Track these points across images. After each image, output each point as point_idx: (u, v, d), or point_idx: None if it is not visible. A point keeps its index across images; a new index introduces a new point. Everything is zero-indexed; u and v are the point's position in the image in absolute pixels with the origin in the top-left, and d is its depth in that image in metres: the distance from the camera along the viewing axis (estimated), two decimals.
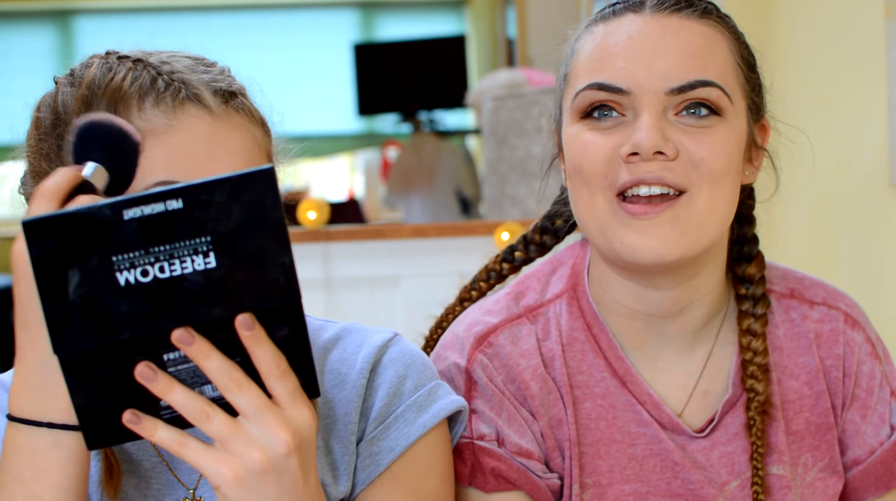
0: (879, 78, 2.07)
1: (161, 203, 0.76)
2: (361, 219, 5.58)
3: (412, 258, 2.87)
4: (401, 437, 1.03)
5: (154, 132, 0.94)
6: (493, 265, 1.28)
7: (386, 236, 2.96)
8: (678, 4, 1.09)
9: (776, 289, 1.20)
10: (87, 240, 0.76)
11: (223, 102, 0.97)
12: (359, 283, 2.92)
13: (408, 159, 5.34)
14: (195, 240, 0.77)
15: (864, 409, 1.18)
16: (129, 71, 0.97)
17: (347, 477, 1.03)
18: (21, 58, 6.75)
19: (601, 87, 1.07)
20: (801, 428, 1.17)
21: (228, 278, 0.78)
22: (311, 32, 6.79)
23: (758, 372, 1.14)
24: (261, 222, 0.78)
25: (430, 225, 2.93)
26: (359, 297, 2.89)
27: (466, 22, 7.05)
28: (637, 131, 1.05)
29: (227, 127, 0.96)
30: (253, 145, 0.98)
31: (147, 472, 1.03)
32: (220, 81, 0.99)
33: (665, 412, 1.14)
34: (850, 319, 1.20)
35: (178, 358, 0.80)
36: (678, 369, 1.16)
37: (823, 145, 2.44)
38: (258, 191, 0.78)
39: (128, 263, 0.77)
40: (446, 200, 5.10)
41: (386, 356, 1.06)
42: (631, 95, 1.06)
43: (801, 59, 2.56)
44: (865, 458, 1.18)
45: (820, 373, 1.17)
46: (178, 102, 0.95)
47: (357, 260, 2.91)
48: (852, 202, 2.30)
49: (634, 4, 1.10)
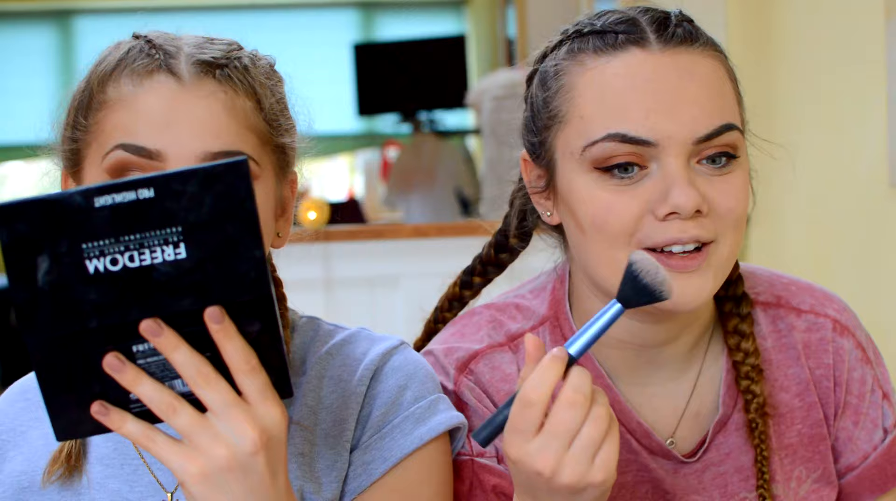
0: (879, 78, 2.07)
1: (132, 192, 0.76)
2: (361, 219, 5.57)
3: (412, 258, 2.87)
4: (395, 448, 1.01)
5: (121, 99, 0.96)
6: (453, 292, 1.22)
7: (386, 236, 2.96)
8: (682, 37, 1.03)
9: (761, 299, 1.17)
10: (58, 226, 0.75)
11: (200, 70, 0.97)
12: (358, 283, 2.92)
13: (408, 159, 5.33)
14: (166, 230, 0.76)
15: (856, 416, 1.16)
16: (128, 47, 0.99)
17: (336, 484, 1.01)
18: (21, 58, 6.76)
19: (624, 139, 0.99)
20: (794, 441, 1.15)
21: (198, 269, 0.78)
22: (310, 32, 6.79)
23: (752, 373, 1.12)
24: (233, 214, 0.77)
25: (430, 225, 2.93)
26: (358, 297, 2.89)
27: (466, 22, 7.05)
28: (674, 191, 0.99)
29: (195, 95, 0.96)
30: (226, 116, 0.96)
31: (129, 475, 1.03)
32: (207, 52, 0.98)
33: (655, 441, 1.11)
34: (839, 325, 1.16)
35: (147, 350, 0.79)
36: (668, 392, 1.13)
37: (824, 146, 2.44)
38: (231, 183, 0.77)
39: (97, 251, 0.76)
40: (446, 200, 5.09)
41: (388, 365, 1.04)
42: (657, 147, 0.99)
43: (801, 60, 2.56)
44: (859, 463, 1.17)
45: (811, 384, 1.15)
46: (148, 70, 0.96)
47: (357, 260, 2.91)
48: (852, 202, 2.30)
49: (636, 37, 1.02)
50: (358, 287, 2.93)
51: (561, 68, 1.05)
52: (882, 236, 2.16)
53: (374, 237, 2.98)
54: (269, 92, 1.01)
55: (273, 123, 1.01)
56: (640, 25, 1.03)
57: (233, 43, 1.03)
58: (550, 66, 1.07)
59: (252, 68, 1.01)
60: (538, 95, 1.07)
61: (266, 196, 0.99)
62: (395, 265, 2.94)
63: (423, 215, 5.08)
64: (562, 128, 1.04)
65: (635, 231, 1.01)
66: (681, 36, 1.03)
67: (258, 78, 1.01)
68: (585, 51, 1.04)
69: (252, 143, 0.98)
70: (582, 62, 1.04)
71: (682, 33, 1.03)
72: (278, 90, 1.04)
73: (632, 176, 1.01)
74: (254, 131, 0.99)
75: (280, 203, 1.04)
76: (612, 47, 1.02)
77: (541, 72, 1.08)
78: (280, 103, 1.03)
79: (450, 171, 5.15)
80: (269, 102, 1.01)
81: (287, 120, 1.04)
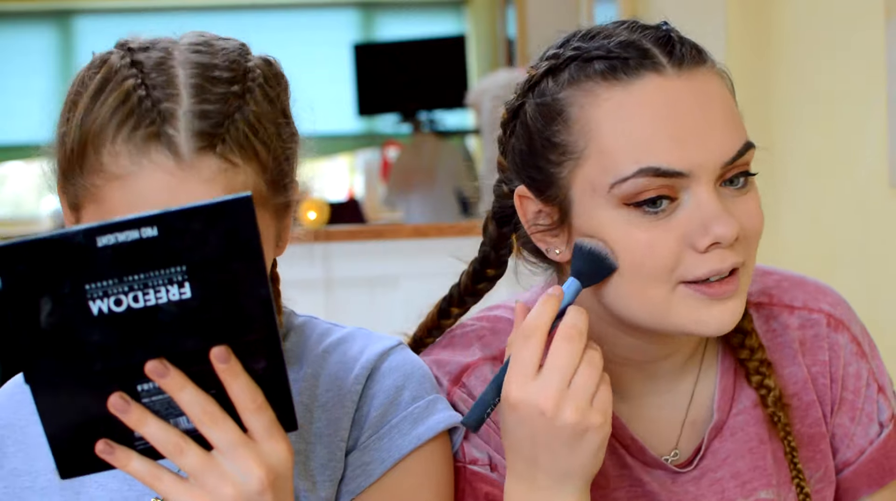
0: (879, 78, 2.07)
1: (136, 230, 0.74)
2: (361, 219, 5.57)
3: (412, 258, 2.87)
4: (394, 448, 1.00)
5: (119, 176, 0.91)
6: (432, 322, 1.18)
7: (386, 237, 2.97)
8: (691, 56, 0.99)
9: (752, 299, 1.14)
10: (60, 267, 0.74)
11: (201, 144, 0.90)
12: (358, 283, 2.92)
13: (408, 160, 5.33)
14: (170, 269, 0.75)
15: (852, 411, 1.16)
16: (118, 89, 0.92)
17: (331, 484, 1.00)
18: (21, 58, 6.75)
19: (658, 173, 0.96)
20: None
21: (204, 309, 0.77)
22: (310, 32, 6.79)
23: (762, 368, 1.10)
24: (237, 252, 0.76)
25: (430, 225, 2.94)
26: (358, 297, 2.89)
27: (466, 22, 7.05)
28: (715, 222, 0.96)
29: (196, 180, 0.90)
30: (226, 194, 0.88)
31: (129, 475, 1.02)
32: (208, 112, 0.91)
33: (649, 455, 1.10)
34: (833, 319, 1.15)
35: (152, 389, 0.79)
36: (666, 404, 1.12)
37: (824, 147, 2.44)
38: (235, 220, 0.76)
39: (101, 291, 0.75)
40: (446, 200, 5.09)
41: (385, 365, 1.03)
42: (688, 178, 0.97)
43: (801, 60, 2.56)
44: (856, 459, 1.16)
45: (808, 382, 1.14)
46: (145, 143, 0.90)
47: (357, 260, 2.92)
48: (852, 202, 2.30)
49: (648, 61, 0.98)
50: (358, 287, 2.93)
51: (566, 99, 1.00)
52: (882, 236, 2.16)
53: (374, 237, 2.98)
54: (276, 143, 0.96)
55: (278, 182, 0.96)
56: (646, 48, 0.99)
57: (238, 70, 0.95)
58: (550, 97, 1.01)
59: (259, 118, 0.94)
60: (538, 130, 1.02)
61: (265, 238, 0.92)
62: (395, 265, 2.94)
63: (422, 216, 5.08)
64: (579, 164, 0.99)
65: (676, 267, 0.98)
66: (690, 57, 0.99)
67: (264, 131, 0.94)
68: (594, 79, 0.99)
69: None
70: (593, 93, 0.99)
71: (689, 53, 1.00)
72: (284, 129, 0.98)
73: (664, 209, 0.98)
74: (255, 198, 0.93)
75: (279, 233, 1.00)
76: (625, 74, 0.98)
77: (538, 104, 1.02)
78: (286, 147, 0.97)
79: (450, 171, 5.15)
80: (274, 159, 0.95)
81: (292, 162, 0.99)
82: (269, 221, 0.96)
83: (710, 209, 0.97)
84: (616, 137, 0.97)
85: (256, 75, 0.97)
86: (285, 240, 1.03)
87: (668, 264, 0.98)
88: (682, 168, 0.96)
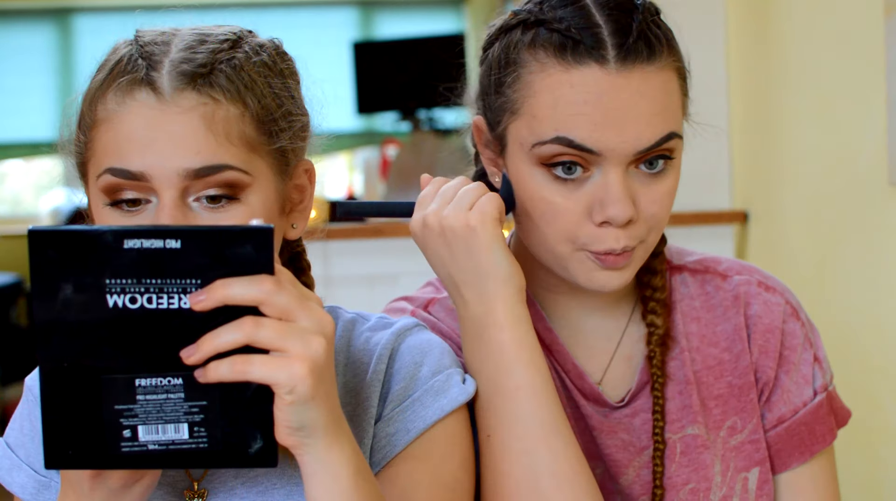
0: (879, 77, 2.07)
1: (161, 240, 0.80)
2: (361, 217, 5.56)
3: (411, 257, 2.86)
4: (417, 419, 1.03)
5: (107, 119, 0.96)
6: None
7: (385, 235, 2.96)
8: (640, 54, 1.07)
9: (689, 265, 1.26)
10: (86, 259, 0.79)
11: (181, 82, 0.95)
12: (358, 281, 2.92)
13: (407, 158, 5.33)
14: (186, 281, 0.80)
15: (787, 365, 1.22)
16: (119, 56, 0.98)
17: (365, 456, 1.02)
18: (20, 56, 6.75)
19: (570, 144, 1.07)
20: (724, 392, 1.21)
21: (210, 321, 0.81)
22: (310, 31, 6.79)
23: (657, 307, 1.20)
24: (251, 275, 0.81)
25: None
26: (358, 295, 2.89)
27: (466, 20, 7.05)
28: (610, 203, 1.07)
29: (174, 111, 0.94)
30: (206, 130, 0.94)
31: None
32: (194, 57, 0.96)
33: (587, 383, 1.19)
34: (763, 284, 1.24)
35: (148, 386, 0.81)
36: (601, 334, 1.22)
37: (823, 144, 2.44)
38: (254, 246, 0.81)
39: (119, 288, 0.80)
40: None
41: (404, 344, 1.07)
42: (600, 156, 1.07)
43: (801, 58, 2.56)
44: (790, 417, 1.22)
45: (737, 335, 1.22)
46: (130, 87, 0.95)
47: (356, 258, 2.92)
48: (852, 201, 2.30)
49: (596, 52, 1.07)
50: (357, 285, 2.93)
51: (522, 60, 1.11)
52: (881, 234, 2.16)
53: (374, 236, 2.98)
54: (264, 91, 0.99)
55: (266, 126, 0.99)
56: (601, 39, 1.07)
57: (232, 36, 1.01)
58: (514, 51, 1.12)
59: (245, 67, 0.99)
60: (497, 75, 1.14)
61: (265, 199, 0.98)
62: (395, 264, 2.94)
63: None
64: (514, 118, 1.11)
65: (578, 234, 1.10)
66: (639, 52, 1.07)
67: (250, 78, 0.99)
68: (547, 50, 1.09)
69: (238, 153, 0.96)
70: (542, 63, 1.09)
71: (640, 49, 1.07)
72: (278, 84, 1.02)
73: (575, 178, 1.09)
74: (241, 140, 0.96)
75: (287, 199, 1.03)
76: (572, 57, 1.07)
77: (503, 49, 1.14)
78: (279, 99, 1.01)
79: (449, 169, 5.15)
80: (261, 104, 0.99)
81: (287, 117, 1.01)
82: (265, 170, 0.99)
83: (611, 190, 1.08)
84: (546, 108, 1.08)
85: (253, 43, 1.02)
86: (298, 218, 1.05)
87: (570, 229, 1.10)
88: (593, 147, 1.07)
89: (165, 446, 0.82)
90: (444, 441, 1.04)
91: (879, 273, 2.19)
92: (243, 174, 0.96)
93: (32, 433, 1.08)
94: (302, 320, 0.82)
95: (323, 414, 0.84)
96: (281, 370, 0.81)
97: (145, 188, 0.94)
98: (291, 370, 0.81)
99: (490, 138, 1.16)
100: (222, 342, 0.80)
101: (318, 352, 0.82)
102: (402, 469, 1.02)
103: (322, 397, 0.83)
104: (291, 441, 0.84)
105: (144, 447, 0.82)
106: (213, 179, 0.94)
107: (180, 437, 0.82)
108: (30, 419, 1.08)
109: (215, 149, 0.94)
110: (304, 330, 0.82)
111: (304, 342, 0.82)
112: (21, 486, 1.06)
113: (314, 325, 0.83)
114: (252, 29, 1.08)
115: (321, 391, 0.83)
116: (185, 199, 0.95)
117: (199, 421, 0.82)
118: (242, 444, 0.83)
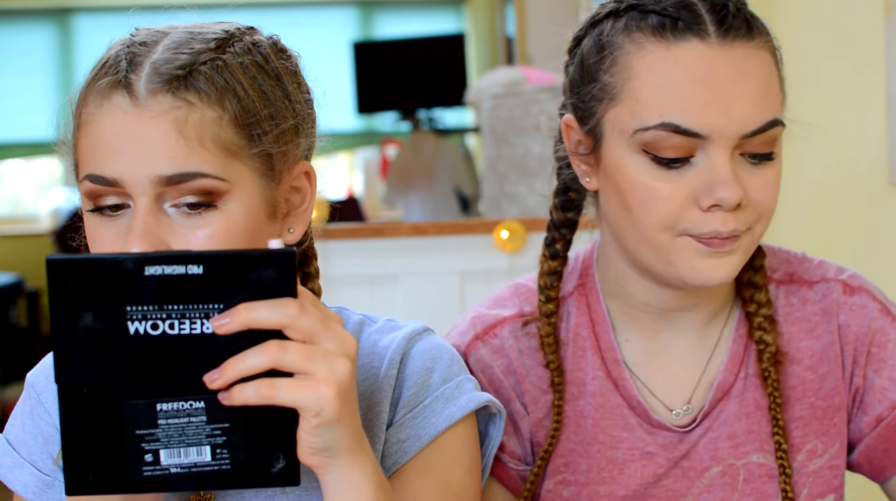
0: (879, 76, 2.07)
1: (182, 266, 0.79)
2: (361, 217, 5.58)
3: (411, 257, 2.86)
4: (428, 426, 1.02)
5: (87, 123, 0.95)
6: (547, 267, 1.21)
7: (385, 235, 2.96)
8: (740, 30, 1.05)
9: (776, 276, 1.20)
10: (106, 286, 0.79)
11: (157, 86, 0.92)
12: (358, 281, 2.92)
13: (407, 158, 5.34)
14: (208, 306, 0.80)
15: (878, 364, 1.17)
16: (108, 56, 0.97)
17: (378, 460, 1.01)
18: (20, 56, 6.76)
19: (677, 130, 1.03)
20: (807, 414, 1.16)
21: (233, 345, 0.80)
22: (310, 30, 6.80)
23: (765, 324, 1.16)
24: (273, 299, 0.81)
25: (430, 223, 2.93)
26: (358, 295, 2.88)
27: (466, 20, 7.05)
28: (720, 186, 1.03)
29: (147, 115, 0.91)
30: (178, 135, 0.91)
31: None
32: (176, 58, 0.93)
33: (654, 420, 1.15)
34: (848, 287, 1.19)
35: (170, 411, 0.81)
36: (686, 361, 1.17)
37: (823, 144, 2.44)
38: (277, 271, 0.80)
39: (140, 314, 0.79)
40: (445, 198, 5.10)
41: (414, 349, 1.06)
42: (706, 140, 1.03)
43: (801, 57, 2.56)
44: (888, 414, 1.16)
45: (825, 354, 1.17)
46: (108, 89, 0.94)
47: (356, 258, 2.91)
48: (852, 201, 2.30)
49: (697, 27, 1.04)
50: (357, 285, 2.93)
51: (617, 44, 1.07)
52: (882, 234, 2.16)
53: (374, 236, 2.98)
54: (248, 93, 0.96)
55: (248, 130, 0.95)
56: (699, 14, 1.04)
57: (223, 35, 0.99)
58: (607, 36, 1.09)
59: (229, 68, 0.95)
60: (590, 62, 1.10)
61: (246, 206, 0.94)
62: (395, 263, 2.94)
63: (422, 214, 5.09)
64: (613, 104, 1.07)
65: (679, 220, 1.05)
66: (739, 29, 1.04)
67: (233, 79, 0.95)
68: (644, 31, 1.06)
69: (213, 159, 0.92)
70: (640, 44, 1.06)
71: (740, 26, 1.05)
72: (268, 84, 0.98)
73: (678, 166, 1.04)
74: (216, 145, 0.93)
75: (279, 203, 0.99)
76: (672, 34, 1.04)
77: (596, 38, 1.10)
78: (266, 100, 0.97)
79: (449, 169, 5.15)
80: (242, 106, 0.95)
81: (274, 118, 0.97)
82: (247, 175, 0.95)
83: (719, 173, 1.03)
84: (649, 89, 1.04)
85: (246, 41, 1.00)
86: (296, 222, 1.03)
87: (672, 215, 1.05)
88: (700, 130, 1.02)
89: (188, 469, 0.82)
90: (454, 447, 1.03)
91: (880, 273, 2.19)
92: (218, 181, 0.92)
93: (35, 431, 1.07)
94: (326, 342, 0.82)
95: (347, 435, 0.84)
96: (308, 394, 0.80)
97: (123, 194, 0.93)
98: (318, 394, 0.80)
99: (582, 136, 1.12)
100: (247, 367, 0.80)
101: (344, 374, 0.82)
102: (412, 476, 1.02)
103: (346, 418, 0.83)
104: (315, 462, 0.84)
105: (167, 470, 0.81)
106: (188, 187, 0.92)
107: (203, 459, 0.82)
108: (32, 416, 1.08)
109: (187, 155, 0.92)
110: (328, 352, 0.81)
111: (329, 365, 0.81)
112: (24, 484, 1.06)
113: (338, 347, 0.82)
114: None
115: (346, 413, 0.83)
116: (160, 205, 0.92)
117: (221, 443, 0.82)
118: (265, 464, 0.82)
